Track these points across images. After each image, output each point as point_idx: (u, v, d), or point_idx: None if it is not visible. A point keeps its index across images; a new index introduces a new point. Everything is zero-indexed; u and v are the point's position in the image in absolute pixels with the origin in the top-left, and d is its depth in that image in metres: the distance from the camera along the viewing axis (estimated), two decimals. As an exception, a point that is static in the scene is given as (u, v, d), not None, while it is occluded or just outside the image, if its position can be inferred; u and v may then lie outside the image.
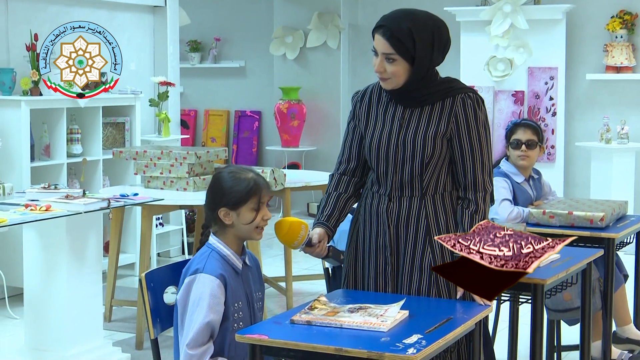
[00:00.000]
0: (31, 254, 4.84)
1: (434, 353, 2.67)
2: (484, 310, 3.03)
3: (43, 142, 6.55)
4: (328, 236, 3.33)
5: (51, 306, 4.79)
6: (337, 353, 2.62)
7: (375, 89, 3.36)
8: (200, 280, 3.05)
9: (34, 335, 4.86)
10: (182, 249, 7.94)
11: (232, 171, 3.18)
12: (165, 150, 5.76)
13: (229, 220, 3.14)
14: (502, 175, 4.83)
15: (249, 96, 10.74)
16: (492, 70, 8.50)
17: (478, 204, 3.22)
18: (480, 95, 3.28)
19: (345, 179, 3.41)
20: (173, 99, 7.82)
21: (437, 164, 3.24)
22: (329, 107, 10.01)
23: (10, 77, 6.40)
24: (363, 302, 3.01)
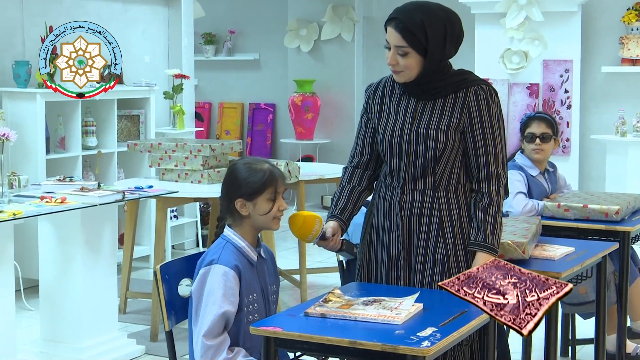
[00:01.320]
0: (46, 246, 4.86)
1: (448, 346, 2.67)
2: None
3: (58, 135, 6.58)
4: (342, 229, 3.33)
5: (66, 298, 4.81)
6: (351, 346, 2.62)
7: (388, 81, 3.36)
8: (215, 271, 3.06)
9: (49, 327, 4.88)
10: (196, 242, 7.96)
11: (247, 162, 3.19)
12: (179, 143, 5.78)
13: (245, 211, 3.15)
14: (517, 168, 4.82)
15: (263, 89, 10.74)
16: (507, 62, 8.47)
17: (491, 197, 3.21)
18: (493, 87, 3.27)
19: (358, 172, 3.41)
20: (187, 91, 7.83)
21: (450, 156, 3.23)
22: (343, 100, 10.01)
23: (25, 69, 6.42)
24: (377, 295, 3.01)
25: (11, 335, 4.46)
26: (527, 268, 3.47)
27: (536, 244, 3.85)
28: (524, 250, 3.56)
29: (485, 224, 3.18)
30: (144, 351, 5.14)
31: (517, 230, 3.76)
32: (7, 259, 4.42)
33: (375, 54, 9.88)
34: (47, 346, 4.87)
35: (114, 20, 7.30)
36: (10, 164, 5.27)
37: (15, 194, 4.76)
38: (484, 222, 3.19)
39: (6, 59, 6.46)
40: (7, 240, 4.41)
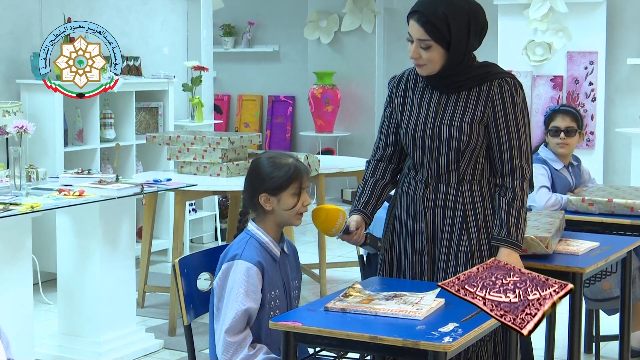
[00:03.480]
0: (64, 240, 4.88)
1: (470, 342, 2.67)
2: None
3: (76, 127, 6.60)
4: (365, 223, 3.33)
5: (84, 292, 4.83)
6: (371, 341, 2.62)
7: (411, 74, 3.35)
8: (238, 267, 3.07)
9: (67, 320, 4.91)
10: (215, 235, 7.97)
11: (271, 157, 3.18)
12: (198, 136, 5.79)
13: (269, 207, 3.14)
14: (540, 162, 4.81)
15: (282, 81, 10.74)
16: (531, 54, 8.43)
17: (515, 191, 3.20)
18: (518, 80, 3.25)
19: (382, 165, 3.40)
20: (206, 83, 7.84)
21: (474, 150, 3.22)
22: (364, 92, 9.99)
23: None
24: (398, 290, 3.00)
25: (29, 329, 4.49)
26: (551, 263, 3.49)
27: (560, 239, 3.84)
28: (547, 245, 3.54)
29: (509, 219, 3.17)
30: (162, 345, 5.16)
31: (541, 225, 3.74)
32: (25, 252, 4.44)
33: (396, 46, 9.85)
34: (65, 340, 4.89)
35: (133, 11, 7.32)
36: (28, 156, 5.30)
37: (33, 186, 4.78)
38: (507, 217, 3.18)
39: (24, 51, 6.49)
40: (25, 233, 4.44)
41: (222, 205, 7.93)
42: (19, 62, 6.48)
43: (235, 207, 6.18)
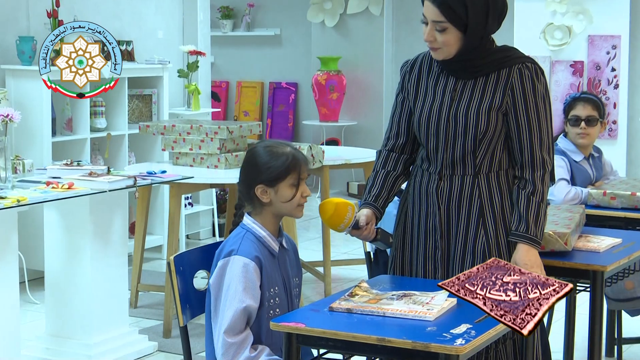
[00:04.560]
0: (52, 235, 4.88)
1: (483, 344, 2.67)
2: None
3: (65, 116, 6.60)
4: (376, 217, 3.33)
5: (74, 291, 4.84)
6: (379, 343, 2.62)
7: (425, 58, 3.35)
8: (235, 263, 3.07)
9: (56, 321, 4.91)
10: (212, 231, 7.98)
11: (268, 146, 3.18)
12: (195, 125, 5.79)
13: (266, 198, 3.15)
14: (559, 153, 4.80)
15: (284, 67, 10.73)
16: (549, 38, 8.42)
17: (536, 184, 3.20)
18: (539, 65, 3.25)
19: (393, 155, 3.40)
20: (203, 69, 7.84)
21: (491, 140, 3.22)
22: (371, 79, 9.99)
23: (30, 46, 6.44)
24: (408, 289, 3.01)
25: (15, 330, 4.50)
26: (570, 261, 3.49)
27: (580, 235, 3.84)
28: (567, 242, 3.54)
29: (528, 213, 3.17)
30: (156, 348, 5.17)
31: (560, 220, 3.74)
32: (10, 249, 4.45)
33: (406, 29, 9.84)
34: (53, 342, 4.90)
35: (125, -8, 7.32)
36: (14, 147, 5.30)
37: (20, 179, 4.78)
38: (526, 211, 3.18)
39: (10, 35, 6.49)
40: (10, 228, 4.44)
41: (220, 199, 7.94)
42: (4, 47, 6.48)
43: (234, 201, 6.18)
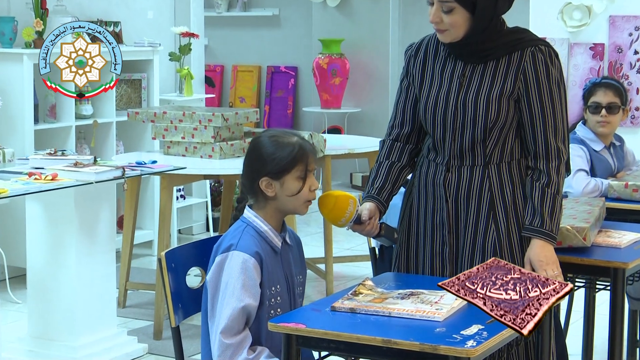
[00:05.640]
0: (35, 230, 4.89)
1: (496, 347, 2.68)
2: (556, 298, 3.02)
3: (48, 102, 6.61)
4: (380, 212, 3.33)
5: (58, 289, 4.84)
6: (384, 345, 2.63)
7: (431, 41, 3.35)
8: (234, 259, 3.08)
9: (39, 322, 4.92)
10: (206, 225, 7.99)
11: (274, 135, 3.18)
12: (187, 112, 5.79)
13: (271, 192, 3.15)
14: (577, 142, 4.80)
15: (283, 49, 10.73)
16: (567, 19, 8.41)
17: (550, 175, 3.20)
18: (553, 48, 3.25)
19: (398, 145, 3.41)
20: (196, 52, 7.84)
21: (502, 128, 3.23)
22: (376, 63, 9.98)
23: (10, 27, 6.45)
24: (415, 287, 3.01)
25: (-5, 331, 4.51)
26: (589, 257, 3.50)
27: (599, 230, 3.84)
28: (585, 237, 3.55)
29: (543, 206, 3.18)
30: (146, 350, 5.18)
31: (578, 214, 3.75)
32: (-10, 244, 4.46)
33: (413, 10, 9.84)
34: (36, 344, 4.91)
35: (112, -31, 7.32)
36: (-7, 135, 5.31)
37: (0, 169, 4.79)
38: (541, 204, 3.18)
39: (-12, 15, 6.50)
40: (-10, 222, 4.45)
41: (214, 191, 7.94)
42: (-18, 28, 6.49)
43: (229, 194, 6.19)
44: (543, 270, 3.12)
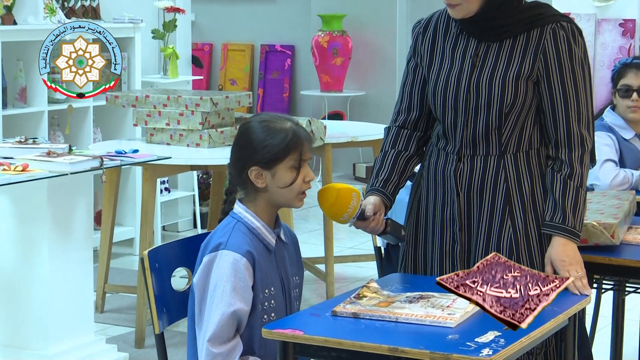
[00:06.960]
0: (3, 227, 4.90)
1: (514, 355, 2.69)
2: (581, 302, 3.03)
3: (18, 85, 6.61)
4: (385, 206, 3.34)
5: (29, 292, 4.85)
6: (391, 354, 2.64)
7: (441, 17, 3.36)
8: (223, 259, 3.09)
9: (9, 329, 4.93)
10: (193, 221, 8.00)
11: (265, 120, 3.19)
12: (172, 96, 5.80)
13: (261, 183, 3.16)
14: (605, 129, 4.82)
15: (278, 26, 10.73)
16: (594, -8, 8.42)
17: (573, 166, 3.21)
18: (577, 25, 3.26)
19: (405, 133, 3.42)
20: (182, 29, 7.85)
21: (520, 113, 3.24)
22: (382, 41, 9.99)
23: (-24, 1, 6.46)
24: (425, 290, 3.02)
25: (-40, 338, 4.52)
26: (617, 257, 3.51)
27: (629, 226, 3.85)
28: (614, 234, 3.56)
29: (565, 200, 3.19)
30: (127, 359, 5.19)
31: (605, 209, 3.76)
32: (-46, 243, 4.47)
33: (424, -18, 9.84)
34: (5, 353, 4.92)
35: (89, -63, 7.32)
36: (-43, 121, 5.32)
37: (-36, 159, 4.80)
38: (563, 198, 3.19)
39: (-49, -12, 6.50)
40: (-46, 218, 4.46)
41: (202, 183, 7.95)
42: (-55, 2, 6.49)
43: (219, 186, 6.20)
44: (566, 271, 3.13)
